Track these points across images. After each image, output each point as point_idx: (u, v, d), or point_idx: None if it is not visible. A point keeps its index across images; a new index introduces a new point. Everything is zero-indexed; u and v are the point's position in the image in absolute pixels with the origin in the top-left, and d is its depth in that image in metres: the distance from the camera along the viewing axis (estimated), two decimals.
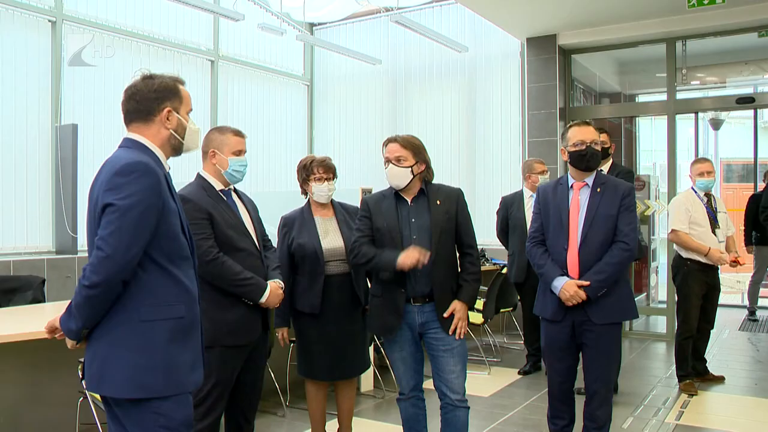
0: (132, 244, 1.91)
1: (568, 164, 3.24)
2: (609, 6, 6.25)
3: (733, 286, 8.98)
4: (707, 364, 5.13)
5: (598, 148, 3.18)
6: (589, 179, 3.20)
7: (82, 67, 6.08)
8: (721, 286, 4.97)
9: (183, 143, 2.17)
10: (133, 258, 1.92)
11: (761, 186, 7.46)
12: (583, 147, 3.15)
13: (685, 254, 4.73)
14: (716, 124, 10.54)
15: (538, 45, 7.13)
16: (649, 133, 9.95)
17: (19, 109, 5.89)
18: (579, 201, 3.17)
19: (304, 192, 3.51)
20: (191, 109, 2.21)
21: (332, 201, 3.53)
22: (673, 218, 4.73)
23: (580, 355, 3.26)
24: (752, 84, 8.22)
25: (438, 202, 3.07)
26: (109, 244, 1.89)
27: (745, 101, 6.54)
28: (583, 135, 3.16)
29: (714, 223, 4.69)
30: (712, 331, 5.04)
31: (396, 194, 3.07)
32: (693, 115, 8.18)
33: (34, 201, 5.97)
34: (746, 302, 7.75)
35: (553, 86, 7.07)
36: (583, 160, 3.15)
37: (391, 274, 2.98)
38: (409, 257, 2.86)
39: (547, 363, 3.40)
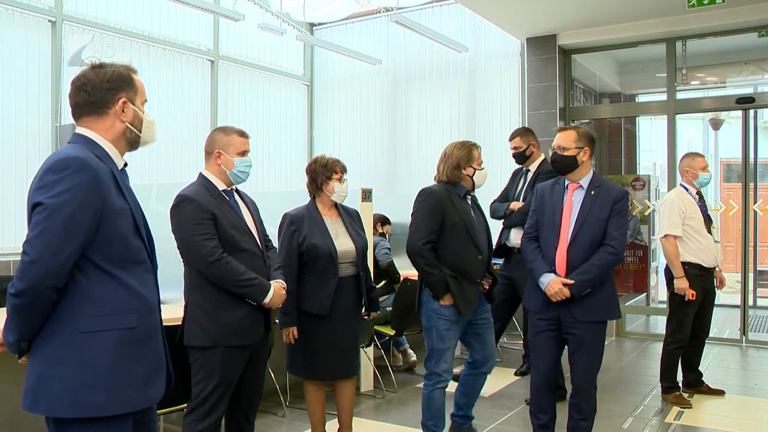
0: (61, 248, 1.72)
1: None
2: (609, 6, 6.24)
3: (733, 285, 8.97)
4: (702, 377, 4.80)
5: (566, 153, 3.26)
6: (584, 181, 3.28)
7: (82, 67, 6.07)
8: (719, 286, 4.69)
9: (140, 136, 1.98)
10: (64, 263, 1.73)
11: (762, 186, 7.43)
12: (551, 153, 3.37)
13: (683, 257, 4.42)
14: (716, 124, 10.54)
15: (538, 45, 7.13)
16: (649, 133, 9.96)
17: (19, 109, 5.89)
18: (572, 202, 3.26)
19: (317, 191, 3.46)
20: (146, 100, 2.02)
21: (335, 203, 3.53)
22: (667, 221, 4.43)
23: (565, 350, 3.36)
24: (752, 84, 8.21)
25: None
26: (35, 247, 1.72)
27: (745, 101, 6.54)
28: (555, 141, 3.34)
29: (709, 222, 4.47)
30: (706, 339, 4.73)
31: (465, 193, 3.50)
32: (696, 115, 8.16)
33: None
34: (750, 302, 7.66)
35: (553, 86, 7.07)
36: (552, 164, 3.40)
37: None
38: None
39: (531, 353, 3.44)
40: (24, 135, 5.92)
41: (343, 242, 3.40)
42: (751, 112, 7.05)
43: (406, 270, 5.43)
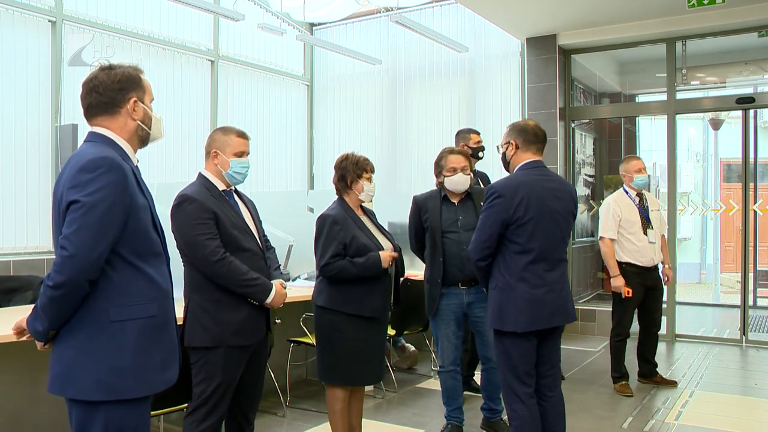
0: (97, 243, 1.84)
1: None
2: (609, 6, 6.25)
3: (733, 285, 8.97)
4: (657, 367, 5.05)
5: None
6: None
7: (82, 67, 6.08)
8: (666, 282, 4.95)
9: (150, 133, 2.10)
10: (99, 257, 1.85)
11: (762, 186, 7.43)
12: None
13: (620, 258, 4.71)
14: (716, 124, 10.53)
15: (538, 45, 7.13)
16: (649, 133, 9.96)
17: (19, 109, 5.89)
18: None
19: (346, 189, 3.31)
20: (153, 98, 2.13)
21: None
22: (602, 224, 4.76)
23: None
24: (752, 84, 8.21)
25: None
26: (73, 242, 1.82)
27: (745, 101, 6.54)
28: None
29: (646, 224, 4.72)
30: (659, 332, 5.00)
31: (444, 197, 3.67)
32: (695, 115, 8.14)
33: (34, 201, 5.97)
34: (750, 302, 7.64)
35: (553, 86, 7.07)
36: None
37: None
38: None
39: None
40: (24, 135, 5.92)
41: (383, 241, 3.34)
42: (751, 112, 7.05)
43: (408, 269, 5.43)
